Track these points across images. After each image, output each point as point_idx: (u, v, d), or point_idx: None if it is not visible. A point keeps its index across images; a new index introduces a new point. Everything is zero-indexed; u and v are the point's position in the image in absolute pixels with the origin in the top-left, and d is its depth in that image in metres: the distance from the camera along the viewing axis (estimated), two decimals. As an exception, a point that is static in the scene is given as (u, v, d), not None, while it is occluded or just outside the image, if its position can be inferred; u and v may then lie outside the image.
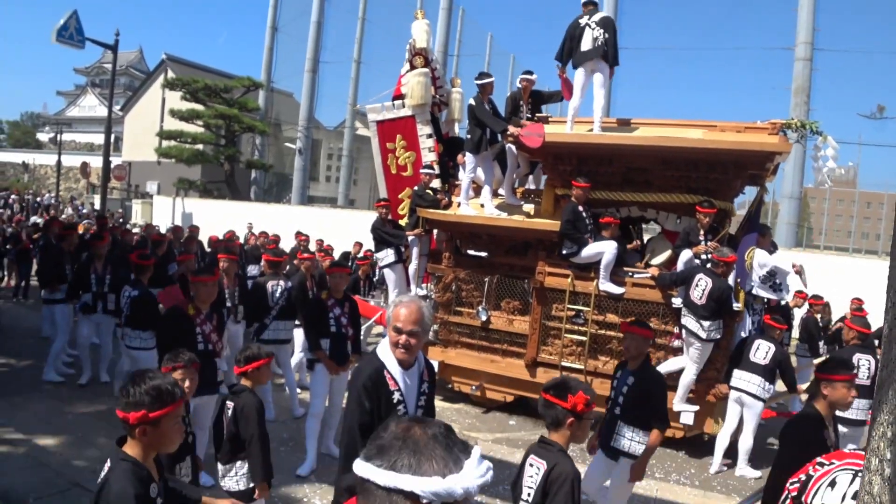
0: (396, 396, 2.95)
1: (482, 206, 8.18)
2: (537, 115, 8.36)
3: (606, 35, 7.38)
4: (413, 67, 9.24)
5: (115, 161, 30.61)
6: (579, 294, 7.44)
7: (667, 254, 7.51)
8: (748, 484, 6.42)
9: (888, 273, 1.47)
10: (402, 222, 9.11)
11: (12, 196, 30.73)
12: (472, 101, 7.97)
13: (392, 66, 40.18)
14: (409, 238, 8.60)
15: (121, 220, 25.39)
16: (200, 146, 28.72)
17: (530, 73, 8.42)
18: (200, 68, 37.08)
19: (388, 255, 8.72)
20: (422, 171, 8.75)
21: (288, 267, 8.62)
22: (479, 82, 8.01)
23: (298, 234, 12.72)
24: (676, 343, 7.00)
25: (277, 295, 7.11)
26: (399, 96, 9.48)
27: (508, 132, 7.57)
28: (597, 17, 7.49)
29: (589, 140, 7.35)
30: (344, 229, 18.25)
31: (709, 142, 6.73)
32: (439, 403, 8.15)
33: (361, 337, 10.85)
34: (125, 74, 58.15)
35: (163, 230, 18.15)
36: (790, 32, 22.96)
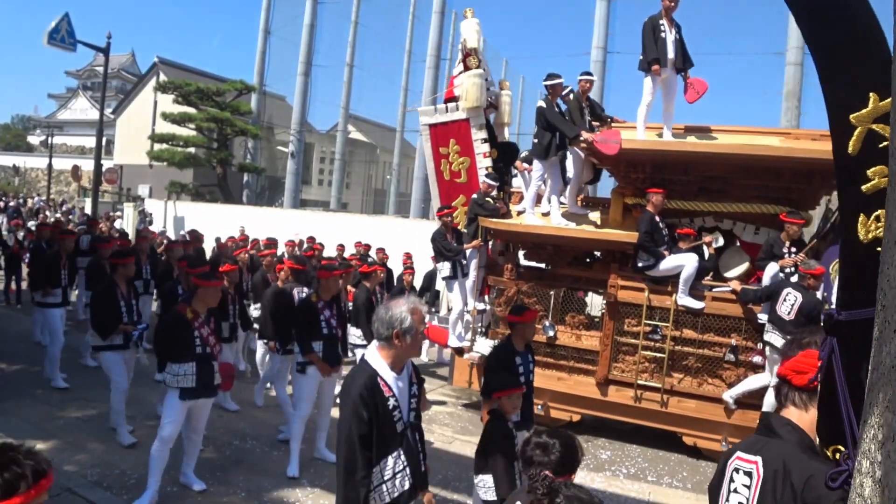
0: (391, 402, 2.90)
1: (542, 214, 7.89)
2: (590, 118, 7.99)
3: (678, 36, 7.18)
4: (467, 68, 8.77)
5: (106, 164, 30.32)
6: (654, 308, 7.15)
7: (743, 266, 7.27)
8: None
9: (878, 276, 1.49)
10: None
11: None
12: (541, 104, 7.64)
13: (384, 70, 40.16)
14: (468, 250, 8.24)
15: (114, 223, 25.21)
16: (192, 149, 28.50)
17: (590, 73, 8.04)
18: (192, 71, 36.79)
19: (445, 268, 8.36)
20: (483, 178, 8.38)
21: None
22: (548, 83, 7.67)
23: (358, 243, 13.02)
24: (758, 359, 6.78)
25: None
26: (451, 98, 9.04)
27: (581, 138, 7.26)
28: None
29: (668, 147, 7.06)
30: (337, 233, 18.21)
31: (799, 150, 6.44)
32: (433, 407, 8.15)
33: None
34: (117, 77, 57.72)
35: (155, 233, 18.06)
36: (781, 38, 23.11)
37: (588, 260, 8.14)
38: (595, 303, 9.20)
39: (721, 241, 8.22)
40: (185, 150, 28.25)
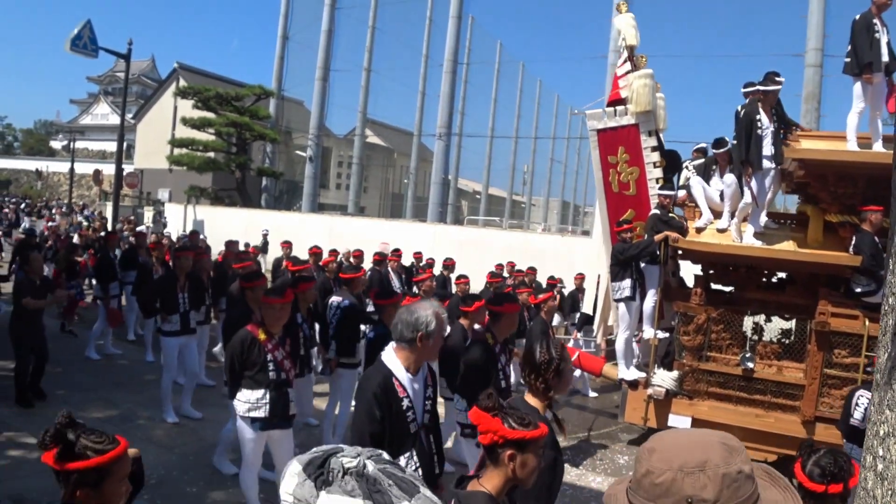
0: (405, 403, 2.95)
1: (718, 231, 7.28)
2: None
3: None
4: (635, 67, 7.91)
5: (127, 168, 30.79)
6: (871, 339, 6.28)
7: None
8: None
9: (886, 278, 1.50)
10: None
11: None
12: (744, 109, 6.93)
13: (402, 75, 40.30)
14: (647, 273, 7.53)
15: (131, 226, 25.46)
16: (212, 154, 28.85)
17: (777, 74, 7.07)
18: (212, 77, 37.27)
19: (625, 288, 7.37)
20: (660, 191, 7.59)
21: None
22: (763, 89, 6.92)
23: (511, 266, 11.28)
24: None
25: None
26: (615, 101, 8.10)
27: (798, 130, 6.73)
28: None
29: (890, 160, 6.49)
30: (354, 237, 18.32)
31: None
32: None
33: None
34: (137, 83, 58.60)
35: (174, 237, 18.23)
36: (800, 39, 22.84)
37: (776, 282, 7.53)
38: (769, 328, 8.26)
39: None
40: (204, 154, 28.59)
